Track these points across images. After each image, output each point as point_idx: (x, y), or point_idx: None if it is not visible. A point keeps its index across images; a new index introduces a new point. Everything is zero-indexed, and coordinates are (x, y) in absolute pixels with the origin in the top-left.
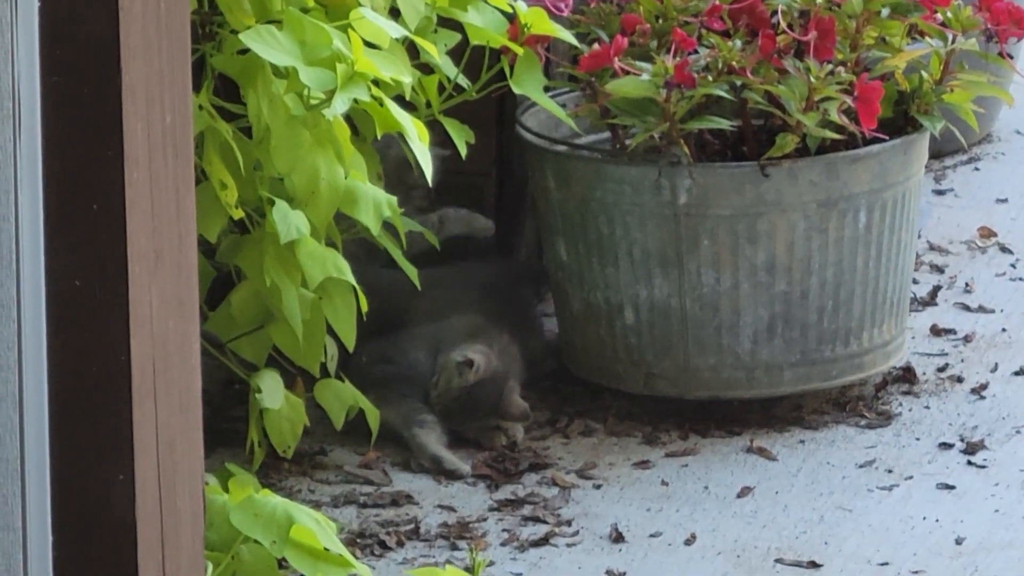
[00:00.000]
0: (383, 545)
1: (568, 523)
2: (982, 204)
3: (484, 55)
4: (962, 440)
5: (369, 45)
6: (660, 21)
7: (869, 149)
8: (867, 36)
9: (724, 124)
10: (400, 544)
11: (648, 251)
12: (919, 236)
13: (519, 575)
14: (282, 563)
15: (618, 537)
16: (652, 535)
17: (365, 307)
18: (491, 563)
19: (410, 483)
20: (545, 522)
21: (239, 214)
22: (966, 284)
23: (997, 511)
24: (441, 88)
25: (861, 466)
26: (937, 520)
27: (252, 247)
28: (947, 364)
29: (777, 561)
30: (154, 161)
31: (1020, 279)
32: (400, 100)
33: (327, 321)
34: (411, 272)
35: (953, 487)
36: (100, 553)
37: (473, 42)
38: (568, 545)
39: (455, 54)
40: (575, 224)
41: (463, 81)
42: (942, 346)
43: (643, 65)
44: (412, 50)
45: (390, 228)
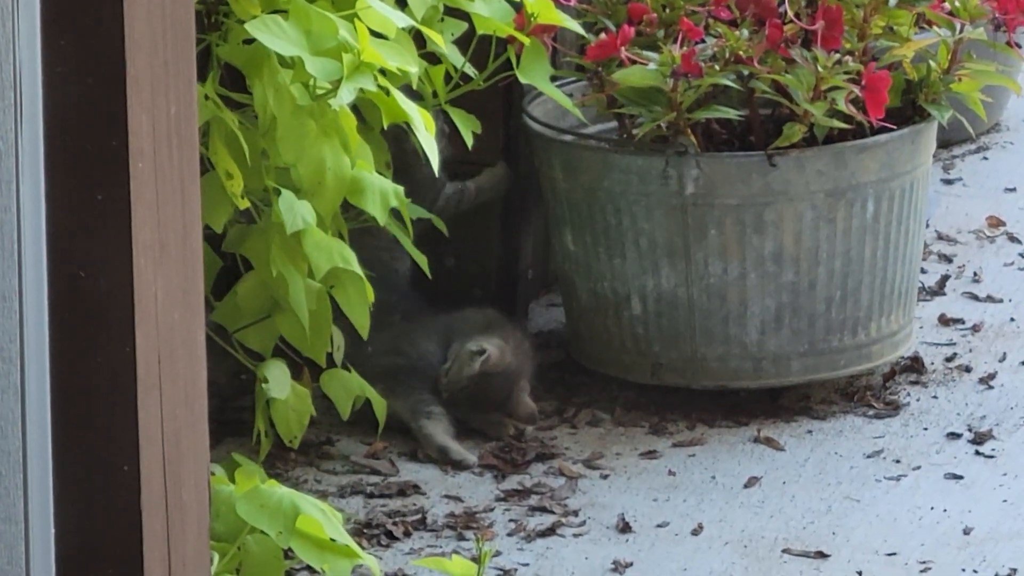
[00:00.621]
0: (390, 535)
1: (575, 513)
2: (990, 193)
3: (491, 45)
4: (970, 430)
5: (375, 35)
6: (667, 10)
7: (877, 139)
8: (875, 25)
9: (731, 114)
10: (407, 534)
11: (655, 241)
12: (927, 225)
13: (526, 565)
14: (288, 553)
15: (625, 527)
16: (659, 525)
17: (371, 297)
18: (498, 553)
19: (417, 473)
20: (552, 512)
21: (245, 204)
22: (974, 273)
23: (1005, 501)
24: (448, 78)
25: (869, 456)
26: (945, 510)
27: (258, 237)
28: (955, 354)
29: (784, 551)
30: (159, 151)
31: None
32: (407, 90)
33: (334, 311)
34: (421, 260)
35: (961, 477)
36: (104, 545)
37: (480, 32)
38: (575, 535)
39: (462, 44)
40: (582, 214)
41: (470, 71)
42: (950, 336)
43: (650, 55)
44: (419, 39)
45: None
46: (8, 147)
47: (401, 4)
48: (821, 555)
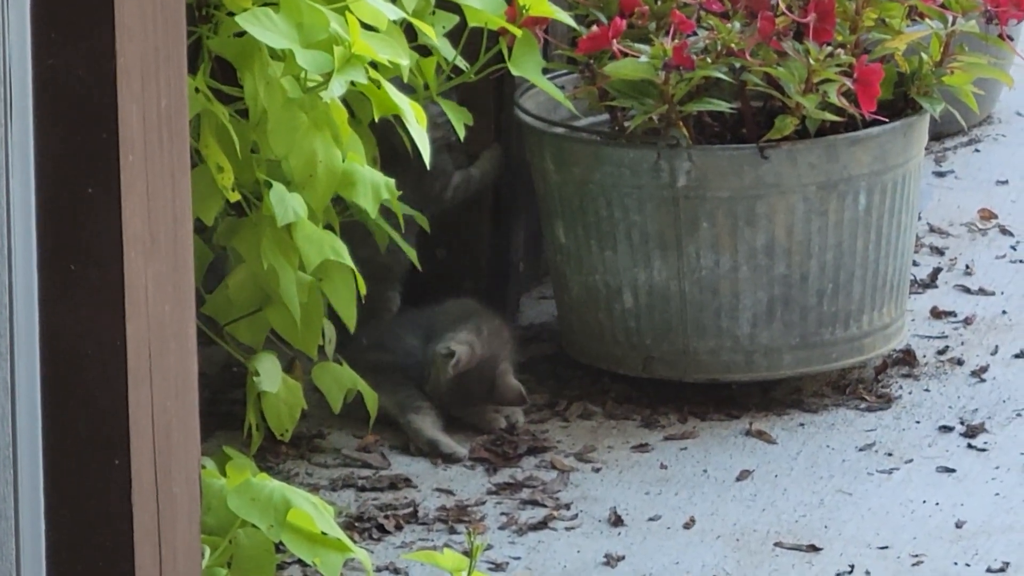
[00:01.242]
0: (381, 529)
1: (567, 507)
2: (982, 186)
3: (482, 37)
4: (962, 423)
5: (367, 27)
6: (659, 3)
7: (869, 131)
8: (867, 18)
9: (723, 106)
10: (398, 528)
11: (647, 234)
12: (919, 218)
13: (517, 559)
14: (280, 547)
15: (617, 520)
16: (651, 519)
17: (363, 289)
18: (489, 547)
19: (408, 466)
20: (544, 505)
21: (236, 197)
22: (966, 266)
23: (997, 494)
24: (439, 70)
25: (861, 449)
26: (937, 504)
27: (249, 230)
28: (947, 347)
29: (776, 545)
30: (149, 144)
31: (1020, 261)
32: (398, 82)
33: (325, 304)
34: (410, 253)
35: (953, 470)
36: (95, 539)
37: (471, 24)
38: (567, 529)
39: (453, 36)
40: (574, 207)
41: (461, 63)
42: (942, 329)
43: (642, 47)
44: (410, 32)
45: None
46: None
47: None
48: (813, 548)
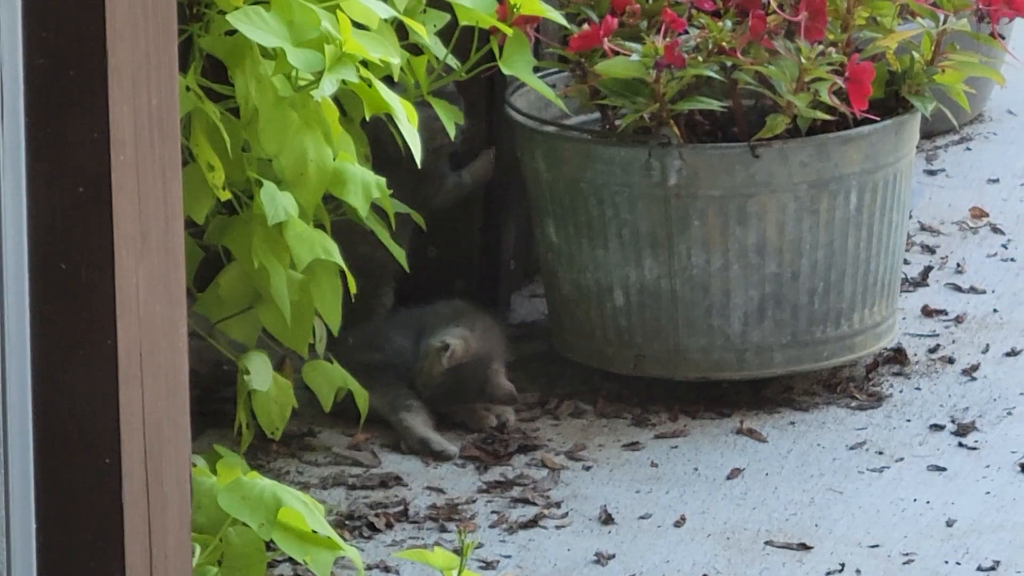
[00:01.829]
0: (372, 527)
1: (557, 505)
2: (973, 184)
3: (473, 36)
4: (953, 422)
5: (358, 26)
6: (650, 1)
7: (860, 130)
8: (858, 16)
9: (714, 105)
10: (389, 526)
11: (638, 232)
12: (910, 216)
13: (508, 557)
14: (270, 545)
15: (607, 519)
16: (642, 517)
17: (353, 288)
18: (480, 545)
19: (399, 465)
20: (534, 504)
21: (227, 195)
22: (957, 265)
23: (988, 493)
24: (430, 69)
25: (852, 448)
26: (928, 502)
27: (240, 228)
28: (938, 345)
29: (767, 543)
30: (140, 143)
31: (1011, 259)
32: (389, 80)
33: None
34: (399, 254)
35: (944, 469)
36: (85, 538)
37: (462, 22)
38: (557, 527)
39: (444, 35)
40: (565, 205)
41: (452, 62)
42: (933, 327)
43: (633, 46)
44: (401, 31)
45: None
46: None
47: None
48: (804, 547)
